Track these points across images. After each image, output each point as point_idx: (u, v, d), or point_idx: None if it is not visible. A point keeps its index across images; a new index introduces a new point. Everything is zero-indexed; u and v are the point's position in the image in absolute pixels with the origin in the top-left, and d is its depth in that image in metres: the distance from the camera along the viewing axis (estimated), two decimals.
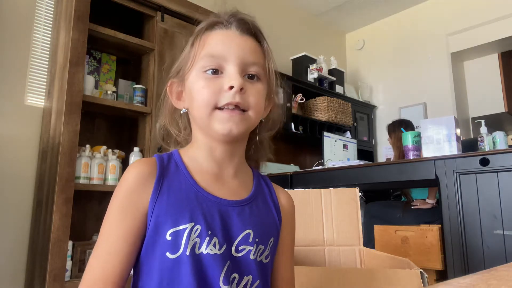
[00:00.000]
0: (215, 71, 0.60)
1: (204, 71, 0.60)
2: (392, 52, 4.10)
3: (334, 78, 3.72)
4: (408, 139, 2.02)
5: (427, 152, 1.89)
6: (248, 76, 0.61)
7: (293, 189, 1.40)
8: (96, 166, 1.89)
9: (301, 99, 3.33)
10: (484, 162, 1.59)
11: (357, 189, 1.33)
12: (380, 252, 1.18)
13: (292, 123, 3.16)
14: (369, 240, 2.25)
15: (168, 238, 0.54)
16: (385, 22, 4.22)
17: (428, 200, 2.43)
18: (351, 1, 3.86)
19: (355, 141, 3.46)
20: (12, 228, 1.85)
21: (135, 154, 2.01)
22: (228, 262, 0.56)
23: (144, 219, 0.56)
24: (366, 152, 3.87)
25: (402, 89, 3.97)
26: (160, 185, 0.57)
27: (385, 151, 3.57)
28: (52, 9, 2.10)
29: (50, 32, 2.07)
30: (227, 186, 0.63)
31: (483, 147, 2.00)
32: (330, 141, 3.13)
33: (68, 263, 1.73)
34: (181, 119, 0.68)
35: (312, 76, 3.48)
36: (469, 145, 2.25)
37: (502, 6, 3.33)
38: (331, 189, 1.33)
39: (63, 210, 1.66)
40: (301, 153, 3.60)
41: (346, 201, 1.30)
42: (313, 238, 1.28)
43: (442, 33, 3.72)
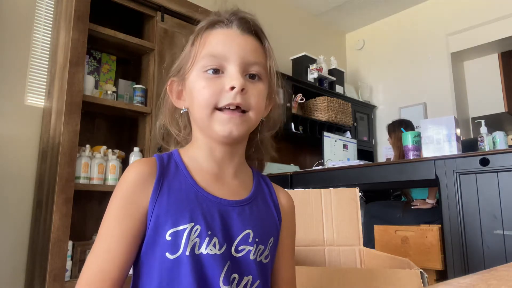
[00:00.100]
0: (216, 71, 0.59)
1: (205, 71, 0.60)
2: (392, 52, 4.10)
3: (334, 78, 3.72)
4: (408, 139, 2.02)
5: (427, 152, 1.89)
6: (249, 76, 0.61)
7: (293, 189, 1.40)
8: (96, 166, 1.89)
9: (301, 99, 3.33)
10: (484, 162, 1.59)
11: (357, 189, 1.33)
12: (380, 252, 1.18)
13: (292, 123, 3.16)
14: (369, 240, 2.25)
15: (168, 239, 0.54)
16: (385, 22, 4.22)
17: (428, 200, 2.43)
18: (351, 1, 3.86)
19: (355, 141, 3.46)
20: (12, 228, 1.85)
21: (135, 154, 2.01)
22: (228, 262, 0.56)
23: (144, 219, 0.55)
24: (366, 152, 3.87)
25: (402, 89, 3.97)
26: (160, 185, 0.57)
27: (385, 151, 3.57)
28: (52, 9, 2.10)
29: (50, 32, 2.07)
30: (227, 186, 0.62)
31: (483, 147, 2.00)
32: (330, 141, 3.13)
33: (68, 263, 1.73)
34: (181, 118, 0.68)
35: (312, 76, 3.48)
36: (469, 145, 2.25)
37: (502, 6, 3.33)
38: (331, 189, 1.33)
39: (63, 210, 1.66)
40: (301, 153, 3.60)
41: (346, 201, 1.30)
42: (313, 238, 1.28)
43: (442, 33, 3.72)
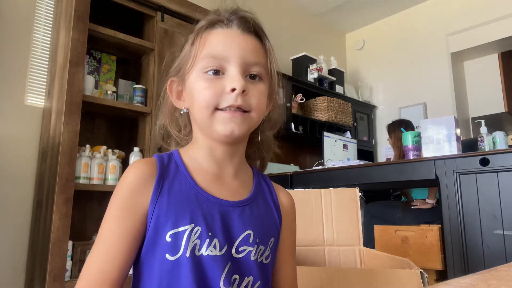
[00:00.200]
0: (217, 72, 0.59)
1: (205, 72, 0.59)
2: (392, 52, 4.10)
3: (334, 78, 3.72)
4: (408, 139, 2.02)
5: (427, 152, 1.89)
6: (250, 76, 0.60)
7: (293, 189, 1.40)
8: (96, 166, 1.89)
9: (301, 99, 3.33)
10: (484, 162, 1.59)
11: (357, 189, 1.33)
12: (380, 252, 1.18)
13: (292, 123, 3.16)
14: (369, 240, 2.25)
15: (168, 240, 0.54)
16: (385, 22, 4.22)
17: (428, 200, 2.43)
18: (351, 1, 3.86)
19: (355, 141, 3.46)
20: (12, 228, 1.85)
21: (135, 154, 2.01)
22: (229, 264, 0.55)
23: (144, 220, 0.55)
24: (366, 152, 3.87)
25: (402, 89, 3.97)
26: (161, 186, 0.57)
27: (385, 151, 3.57)
28: (52, 9, 2.10)
29: (50, 32, 2.07)
30: (228, 186, 0.62)
31: (483, 147, 2.00)
32: (330, 141, 3.13)
33: (68, 263, 1.73)
34: (181, 118, 0.67)
35: (312, 76, 3.48)
36: (469, 145, 2.25)
37: (502, 6, 3.33)
38: (331, 189, 1.33)
39: (63, 210, 1.66)
40: (301, 153, 3.59)
41: (346, 201, 1.30)
42: (313, 238, 1.28)
43: (442, 33, 3.72)
